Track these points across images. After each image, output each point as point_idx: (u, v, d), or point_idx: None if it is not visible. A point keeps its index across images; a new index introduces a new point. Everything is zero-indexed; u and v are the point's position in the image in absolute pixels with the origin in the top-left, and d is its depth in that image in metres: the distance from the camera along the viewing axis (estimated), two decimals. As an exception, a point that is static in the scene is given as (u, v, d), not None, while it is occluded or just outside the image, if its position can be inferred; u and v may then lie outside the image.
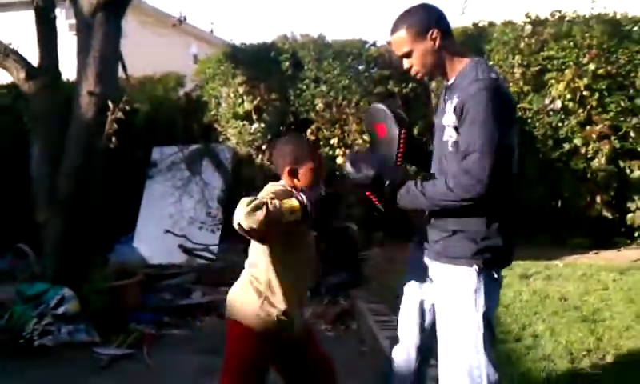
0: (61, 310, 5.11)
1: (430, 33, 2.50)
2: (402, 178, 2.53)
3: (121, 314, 5.48)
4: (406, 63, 2.60)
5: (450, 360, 2.53)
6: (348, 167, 2.58)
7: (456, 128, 2.43)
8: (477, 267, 2.45)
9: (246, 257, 2.76)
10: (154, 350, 5.00)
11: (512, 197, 2.49)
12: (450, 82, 2.57)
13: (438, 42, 2.51)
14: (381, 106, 2.77)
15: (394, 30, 2.58)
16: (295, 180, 2.67)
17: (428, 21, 2.52)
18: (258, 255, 2.64)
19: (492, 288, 2.51)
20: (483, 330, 2.46)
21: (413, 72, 2.61)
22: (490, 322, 2.50)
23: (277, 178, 2.78)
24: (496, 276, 2.53)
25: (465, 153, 2.36)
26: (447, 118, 2.49)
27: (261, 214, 2.31)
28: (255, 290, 2.63)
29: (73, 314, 5.15)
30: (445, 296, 2.56)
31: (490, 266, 2.49)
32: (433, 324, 2.66)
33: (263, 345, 2.62)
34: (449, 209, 2.43)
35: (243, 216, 2.31)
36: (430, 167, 2.70)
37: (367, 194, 2.57)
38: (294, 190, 2.62)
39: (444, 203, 2.42)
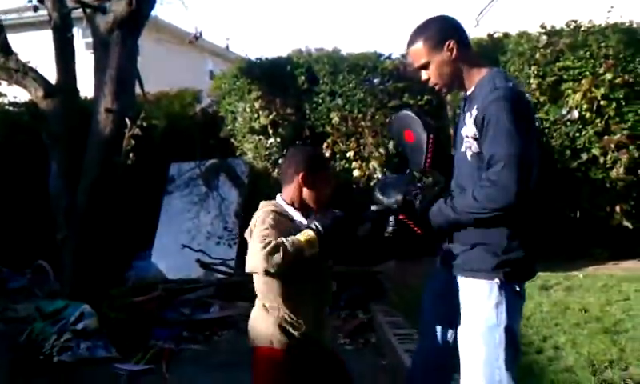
0: (80, 327, 5.13)
1: (446, 44, 2.48)
2: (431, 197, 2.49)
3: (140, 329, 5.50)
4: (423, 75, 2.58)
5: (472, 375, 2.49)
6: (378, 195, 2.57)
7: (476, 139, 2.41)
8: (498, 281, 2.42)
9: None
10: (172, 365, 5.00)
11: (535, 208, 2.46)
12: (468, 93, 2.55)
13: (454, 53, 2.49)
14: (408, 111, 2.77)
15: (411, 42, 2.56)
16: (305, 189, 2.59)
17: (445, 32, 2.51)
18: (268, 288, 2.53)
19: (514, 302, 2.47)
20: (505, 345, 2.42)
21: (430, 83, 2.59)
22: (513, 337, 2.46)
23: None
24: (518, 289, 2.48)
25: (489, 163, 2.32)
26: (467, 130, 2.47)
27: (278, 258, 2.25)
28: (268, 313, 2.54)
29: (92, 330, 5.17)
30: (466, 310, 2.52)
31: (512, 279, 2.45)
32: (456, 339, 2.61)
33: (289, 370, 2.53)
34: (480, 220, 2.38)
35: (260, 263, 2.25)
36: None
37: (400, 217, 2.54)
38: (294, 214, 2.57)
39: (474, 215, 2.37)
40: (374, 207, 2.61)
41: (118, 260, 6.75)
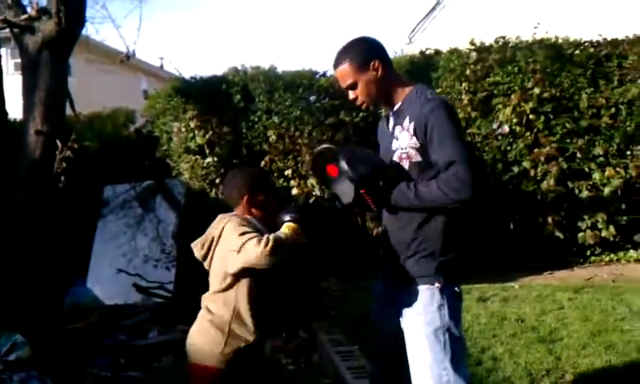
0: (12, 357, 4.93)
1: (372, 63, 2.60)
2: (394, 178, 2.55)
3: (75, 357, 5.33)
4: (351, 94, 2.69)
5: (421, 379, 2.55)
6: (343, 165, 2.56)
7: (417, 149, 2.51)
8: (439, 284, 2.52)
9: (203, 293, 2.71)
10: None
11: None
12: (395, 108, 2.66)
13: (380, 72, 2.61)
14: (325, 145, 2.80)
15: (337, 63, 2.67)
16: (253, 209, 2.67)
17: (369, 52, 2.63)
18: (230, 287, 2.59)
19: (455, 303, 2.58)
20: (450, 346, 2.51)
21: (358, 102, 2.69)
22: (457, 337, 2.55)
23: (229, 210, 2.75)
24: (457, 290, 2.60)
25: (446, 165, 2.43)
26: (401, 142, 2.57)
27: (277, 251, 2.39)
28: (218, 328, 2.58)
29: (25, 361, 4.98)
30: (410, 316, 2.59)
31: (451, 281, 2.56)
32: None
33: (234, 378, 2.57)
34: (437, 209, 2.50)
35: (267, 258, 2.38)
36: None
37: (361, 191, 2.57)
38: (256, 223, 2.64)
39: (438, 203, 2.47)
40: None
41: (53, 286, 6.55)
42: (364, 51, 2.64)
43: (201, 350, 2.60)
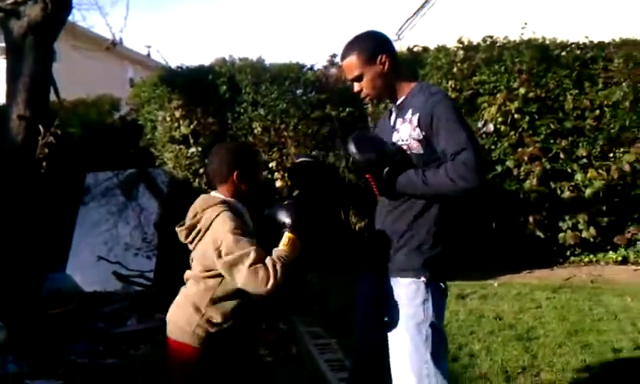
0: (-12, 341, 4.91)
1: (379, 57, 2.62)
2: (401, 164, 2.54)
3: (53, 343, 5.30)
4: (355, 86, 2.71)
5: (401, 371, 2.56)
6: (352, 147, 2.58)
7: (420, 141, 2.52)
8: (424, 279, 2.53)
9: (184, 282, 2.69)
10: (87, 381, 4.84)
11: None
12: (399, 102, 2.68)
13: (387, 66, 2.63)
14: (305, 158, 2.83)
15: (345, 55, 2.69)
16: (242, 185, 2.63)
17: (377, 46, 2.66)
18: (205, 292, 2.56)
19: (439, 299, 2.60)
20: (432, 340, 2.52)
21: (363, 95, 2.72)
22: (439, 332, 2.57)
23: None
24: (443, 287, 2.61)
25: (455, 153, 2.43)
26: (402, 134, 2.59)
27: (278, 278, 2.36)
28: (193, 307, 2.54)
29: (1, 345, 4.95)
30: (394, 308, 2.60)
31: (437, 277, 2.57)
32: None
33: (209, 361, 2.55)
34: (438, 199, 2.52)
35: (264, 288, 2.36)
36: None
37: (367, 176, 2.59)
38: (243, 211, 2.62)
39: (442, 192, 2.48)
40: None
41: (32, 272, 6.51)
42: (372, 45, 2.66)
43: (177, 327, 2.59)
